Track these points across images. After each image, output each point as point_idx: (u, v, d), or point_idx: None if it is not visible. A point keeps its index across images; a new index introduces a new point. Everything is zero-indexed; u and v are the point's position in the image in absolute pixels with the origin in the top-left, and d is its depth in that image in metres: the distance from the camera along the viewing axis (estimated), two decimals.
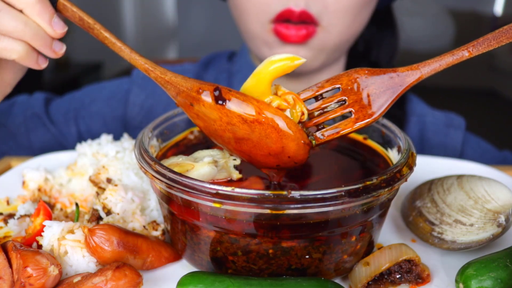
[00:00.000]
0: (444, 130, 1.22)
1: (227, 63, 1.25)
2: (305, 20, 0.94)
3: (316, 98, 0.67)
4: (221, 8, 1.10)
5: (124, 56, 0.66)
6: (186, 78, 0.64)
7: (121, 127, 1.21)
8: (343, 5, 0.95)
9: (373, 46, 1.20)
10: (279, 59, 0.62)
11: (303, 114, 0.64)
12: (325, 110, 0.66)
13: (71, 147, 1.15)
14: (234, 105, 0.61)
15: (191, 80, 0.63)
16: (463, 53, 0.63)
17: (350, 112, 0.64)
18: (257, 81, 0.63)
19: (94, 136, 1.17)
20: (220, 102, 0.61)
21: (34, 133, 1.14)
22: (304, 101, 0.65)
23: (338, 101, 0.65)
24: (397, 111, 1.17)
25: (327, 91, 0.66)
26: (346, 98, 0.64)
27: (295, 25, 0.94)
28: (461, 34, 6.75)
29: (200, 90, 0.62)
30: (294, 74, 1.09)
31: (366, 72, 0.64)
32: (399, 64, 1.26)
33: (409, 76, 0.63)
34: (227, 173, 0.67)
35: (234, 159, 0.69)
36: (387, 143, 0.76)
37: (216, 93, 0.61)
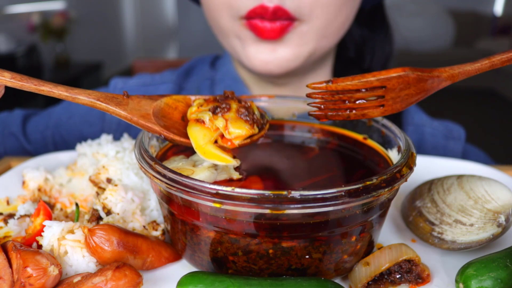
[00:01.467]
0: (443, 143, 1.17)
1: (209, 70, 1.20)
2: (280, 17, 0.87)
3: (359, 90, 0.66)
4: None
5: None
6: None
7: None
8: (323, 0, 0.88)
9: (365, 51, 1.14)
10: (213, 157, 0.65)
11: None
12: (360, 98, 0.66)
13: None
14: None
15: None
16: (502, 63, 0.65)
17: (382, 105, 0.65)
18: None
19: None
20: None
21: (11, 152, 1.13)
22: (349, 89, 0.65)
23: (377, 96, 0.65)
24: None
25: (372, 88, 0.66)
26: (385, 95, 0.65)
27: (270, 20, 0.88)
28: (461, 34, 6.76)
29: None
30: (279, 79, 1.05)
31: (415, 76, 0.64)
32: (396, 66, 1.23)
33: (446, 81, 0.65)
34: (227, 175, 0.68)
35: (235, 161, 0.69)
36: (387, 143, 0.76)
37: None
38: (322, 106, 0.67)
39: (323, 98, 0.67)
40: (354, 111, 0.66)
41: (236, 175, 0.67)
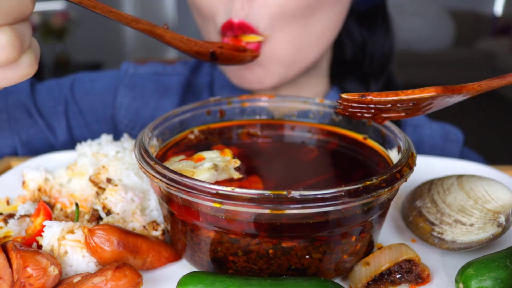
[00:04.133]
0: (440, 144, 1.17)
1: (210, 67, 1.21)
2: (246, 31, 0.90)
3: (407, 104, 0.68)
4: None
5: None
6: (183, 41, 0.73)
7: (112, 126, 1.15)
8: (290, 10, 0.88)
9: (364, 54, 1.12)
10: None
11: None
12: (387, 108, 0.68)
13: (59, 143, 1.10)
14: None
15: (189, 42, 0.73)
16: None
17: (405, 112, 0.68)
18: None
19: (84, 133, 1.12)
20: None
21: (18, 123, 1.06)
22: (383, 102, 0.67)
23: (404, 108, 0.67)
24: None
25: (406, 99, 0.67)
26: (411, 106, 0.67)
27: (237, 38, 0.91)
28: (461, 34, 6.75)
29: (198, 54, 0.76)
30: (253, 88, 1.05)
31: (446, 95, 0.65)
32: (396, 65, 1.22)
33: (464, 96, 0.66)
34: (228, 175, 0.68)
35: (235, 161, 0.69)
36: (387, 143, 0.76)
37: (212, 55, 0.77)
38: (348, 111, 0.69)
39: (351, 106, 0.68)
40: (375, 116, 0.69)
41: (236, 175, 0.68)
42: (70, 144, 1.11)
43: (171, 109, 1.11)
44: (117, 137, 1.02)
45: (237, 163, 0.69)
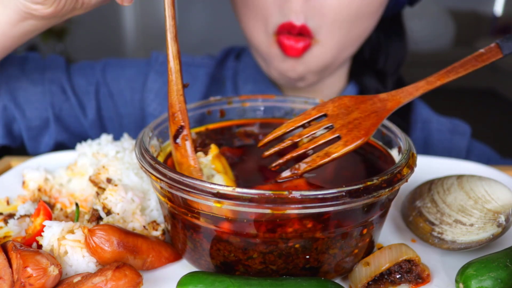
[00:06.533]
0: (449, 137, 1.22)
1: (234, 61, 1.26)
2: (303, 34, 0.96)
3: (304, 126, 0.68)
4: (221, 7, 1.10)
5: None
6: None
7: (139, 110, 1.19)
8: (340, 16, 0.96)
9: (380, 54, 1.20)
10: None
11: None
12: (314, 136, 0.67)
13: (88, 122, 1.13)
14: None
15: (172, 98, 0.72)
16: (437, 82, 0.70)
17: (338, 136, 0.65)
18: None
19: (112, 115, 1.16)
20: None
21: (53, 98, 1.09)
22: (292, 130, 0.68)
23: (326, 128, 0.66)
24: (401, 122, 1.16)
25: (314, 119, 0.68)
26: (333, 124, 0.66)
27: (294, 36, 0.97)
28: (461, 34, 6.75)
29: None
30: (295, 83, 1.09)
31: (349, 98, 0.68)
32: (404, 67, 1.28)
33: (390, 101, 0.68)
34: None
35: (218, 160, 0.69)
36: (387, 143, 0.76)
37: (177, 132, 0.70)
38: (289, 172, 0.66)
39: (280, 150, 0.67)
40: (317, 154, 0.64)
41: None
42: (98, 124, 1.15)
43: (197, 98, 1.17)
44: (142, 121, 1.18)
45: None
